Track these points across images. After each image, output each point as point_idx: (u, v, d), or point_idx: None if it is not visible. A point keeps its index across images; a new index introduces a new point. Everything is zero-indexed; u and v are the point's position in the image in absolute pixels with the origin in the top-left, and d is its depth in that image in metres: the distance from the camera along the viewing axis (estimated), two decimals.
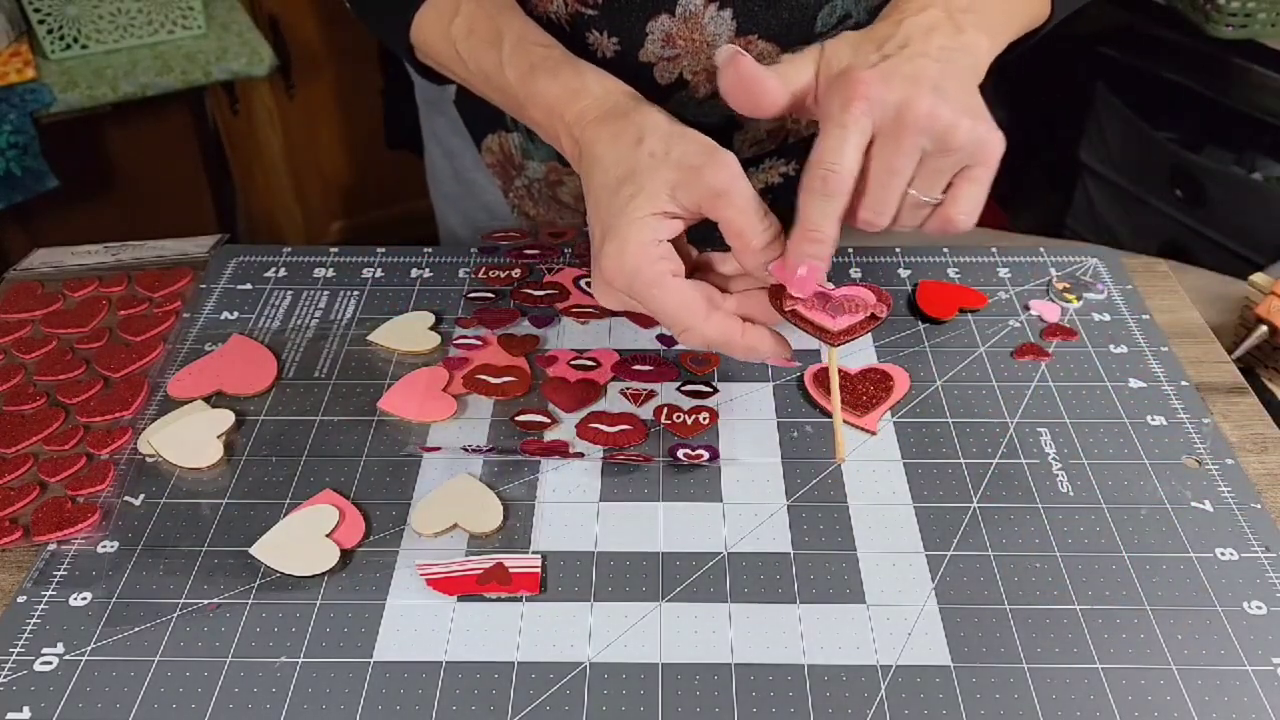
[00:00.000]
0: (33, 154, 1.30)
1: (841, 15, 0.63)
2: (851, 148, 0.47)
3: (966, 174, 0.48)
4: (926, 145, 0.47)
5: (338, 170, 1.96)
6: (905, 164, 0.47)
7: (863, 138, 0.47)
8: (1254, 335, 0.63)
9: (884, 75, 0.47)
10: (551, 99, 0.55)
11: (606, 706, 0.45)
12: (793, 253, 0.49)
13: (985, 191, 0.49)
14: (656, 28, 0.63)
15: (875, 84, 0.46)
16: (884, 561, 0.50)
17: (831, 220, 0.48)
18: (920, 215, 0.50)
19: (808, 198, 0.48)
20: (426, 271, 0.69)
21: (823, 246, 0.48)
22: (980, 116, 0.48)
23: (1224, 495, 0.53)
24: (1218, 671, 0.46)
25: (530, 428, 0.58)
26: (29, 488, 0.54)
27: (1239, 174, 1.44)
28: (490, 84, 0.59)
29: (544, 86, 0.56)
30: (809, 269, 0.49)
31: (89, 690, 0.45)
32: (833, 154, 0.47)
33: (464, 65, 0.60)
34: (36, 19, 1.33)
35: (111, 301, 0.68)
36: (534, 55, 0.57)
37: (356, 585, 0.50)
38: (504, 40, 0.58)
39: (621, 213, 0.50)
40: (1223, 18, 1.33)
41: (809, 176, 0.48)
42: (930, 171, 0.48)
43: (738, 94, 0.50)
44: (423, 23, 0.62)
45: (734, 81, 0.49)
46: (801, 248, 0.48)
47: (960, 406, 0.59)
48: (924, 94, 0.46)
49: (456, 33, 0.60)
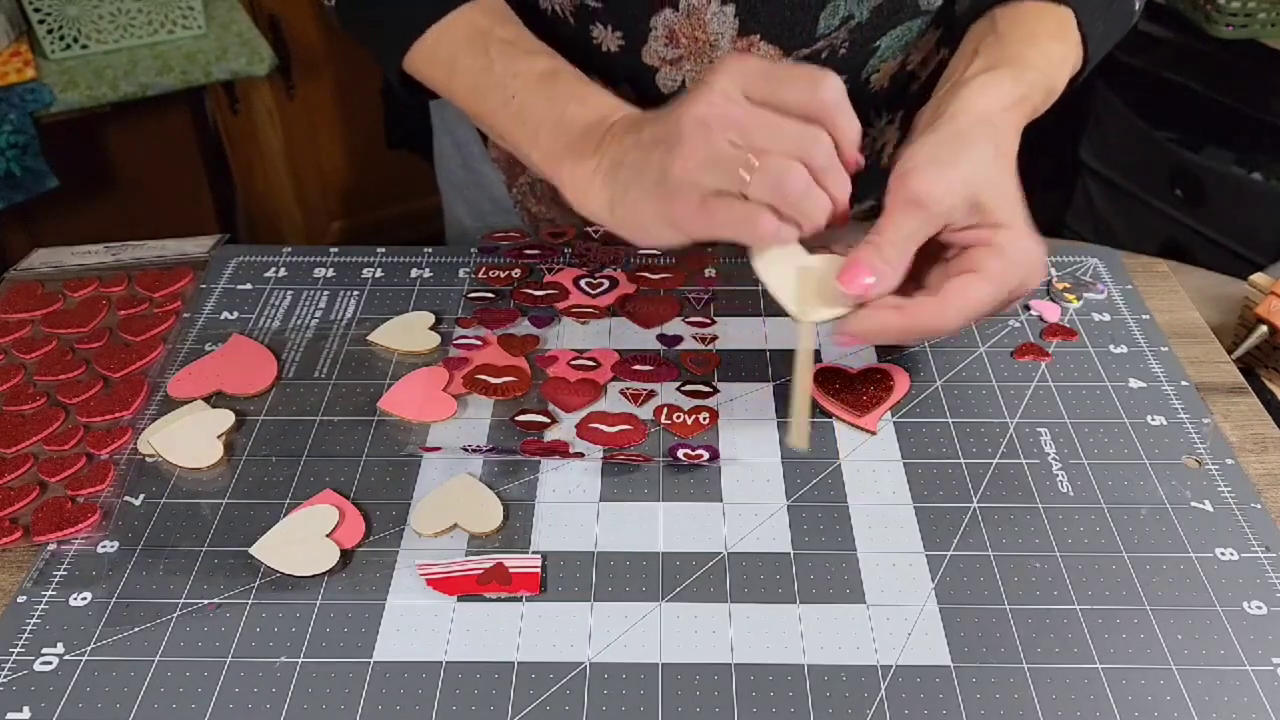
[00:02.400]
0: (33, 154, 1.31)
1: (844, 16, 0.63)
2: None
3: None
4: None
5: (338, 170, 1.96)
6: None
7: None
8: (1254, 335, 0.63)
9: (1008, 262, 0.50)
10: (607, 100, 0.56)
11: (606, 706, 0.45)
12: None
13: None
14: (660, 22, 0.63)
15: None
16: (884, 561, 0.50)
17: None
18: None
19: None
20: (426, 271, 0.69)
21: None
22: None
23: (1224, 495, 0.53)
24: (1218, 671, 0.46)
25: (530, 428, 0.58)
26: (29, 488, 0.54)
27: (1239, 174, 1.44)
28: (517, 83, 0.58)
29: (597, 91, 0.56)
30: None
31: (89, 690, 0.45)
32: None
33: (488, 65, 0.59)
34: (36, 19, 1.33)
35: (111, 301, 0.68)
36: (582, 75, 0.58)
37: (356, 585, 0.50)
38: (558, 57, 0.59)
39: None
40: (1223, 18, 1.33)
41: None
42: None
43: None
44: (447, 28, 0.60)
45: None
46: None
47: (960, 406, 0.59)
48: (1036, 275, 0.51)
49: (495, 38, 0.59)
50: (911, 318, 0.49)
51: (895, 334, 0.50)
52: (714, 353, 0.63)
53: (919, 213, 0.49)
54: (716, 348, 0.63)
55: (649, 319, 0.65)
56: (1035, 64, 0.55)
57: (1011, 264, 0.49)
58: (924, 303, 0.49)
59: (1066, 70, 0.58)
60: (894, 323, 0.49)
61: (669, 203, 0.50)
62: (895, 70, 0.70)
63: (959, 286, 0.49)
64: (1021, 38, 0.56)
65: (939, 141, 0.51)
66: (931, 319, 0.49)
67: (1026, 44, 0.56)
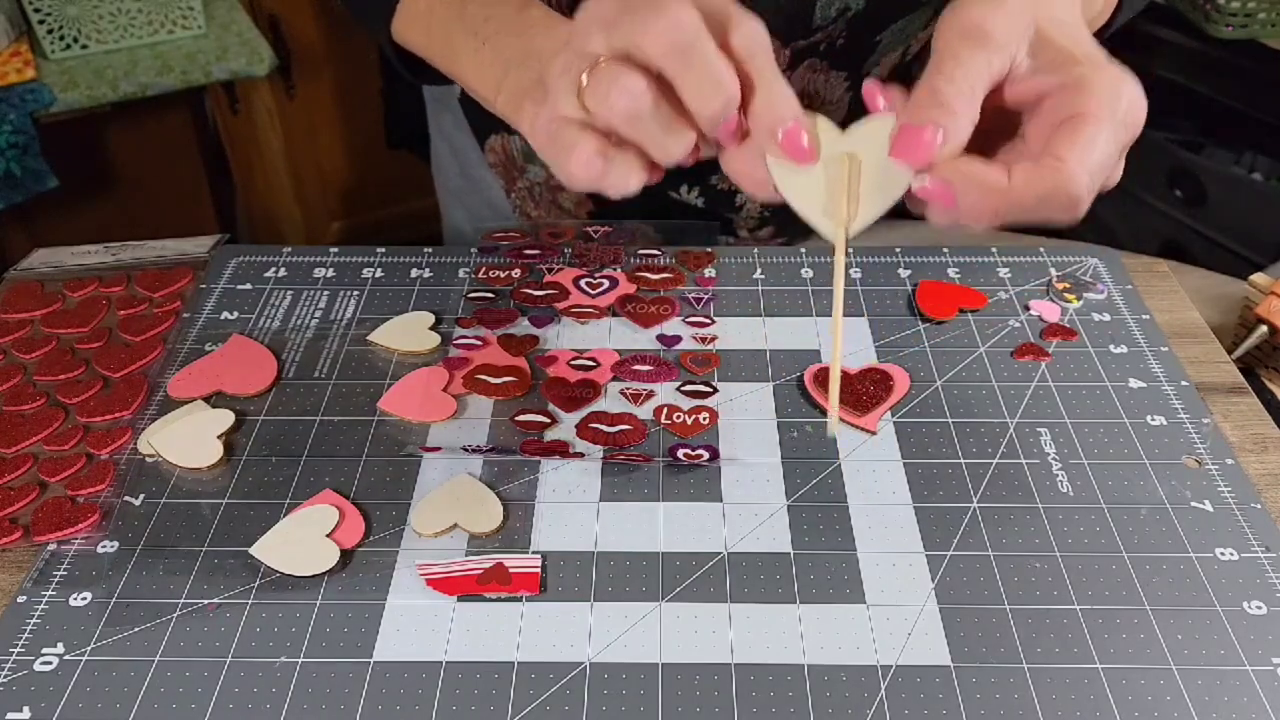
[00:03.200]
0: (33, 154, 1.30)
1: (841, 7, 0.63)
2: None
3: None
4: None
5: (338, 170, 1.96)
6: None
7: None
8: (1254, 335, 0.63)
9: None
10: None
11: (606, 706, 0.45)
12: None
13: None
14: None
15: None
16: (884, 561, 0.50)
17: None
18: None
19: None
20: (426, 271, 0.69)
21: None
22: None
23: (1224, 495, 0.53)
24: (1218, 671, 0.46)
25: (530, 428, 0.58)
26: (29, 488, 0.54)
27: (1239, 174, 1.44)
28: (489, 26, 0.52)
29: (567, 22, 0.48)
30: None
31: (89, 690, 0.45)
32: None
33: (460, 11, 0.54)
34: (36, 19, 1.33)
35: (111, 301, 0.68)
36: (555, 13, 0.51)
37: (356, 585, 0.50)
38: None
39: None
40: (1223, 18, 1.33)
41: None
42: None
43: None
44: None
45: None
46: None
47: (960, 406, 0.59)
48: (1141, 104, 0.41)
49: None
50: (1028, 179, 0.39)
51: (1003, 199, 0.39)
52: (714, 353, 0.63)
53: (980, 46, 0.39)
54: (716, 348, 0.63)
55: (649, 319, 0.65)
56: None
57: (1110, 95, 0.39)
58: (1034, 167, 0.39)
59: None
60: (1000, 183, 0.39)
61: (535, 126, 0.43)
62: (896, 62, 0.70)
63: (1067, 136, 0.39)
64: None
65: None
66: (1052, 179, 0.38)
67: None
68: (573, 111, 0.41)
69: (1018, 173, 0.39)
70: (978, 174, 0.39)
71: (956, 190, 0.39)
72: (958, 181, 0.39)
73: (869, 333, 0.64)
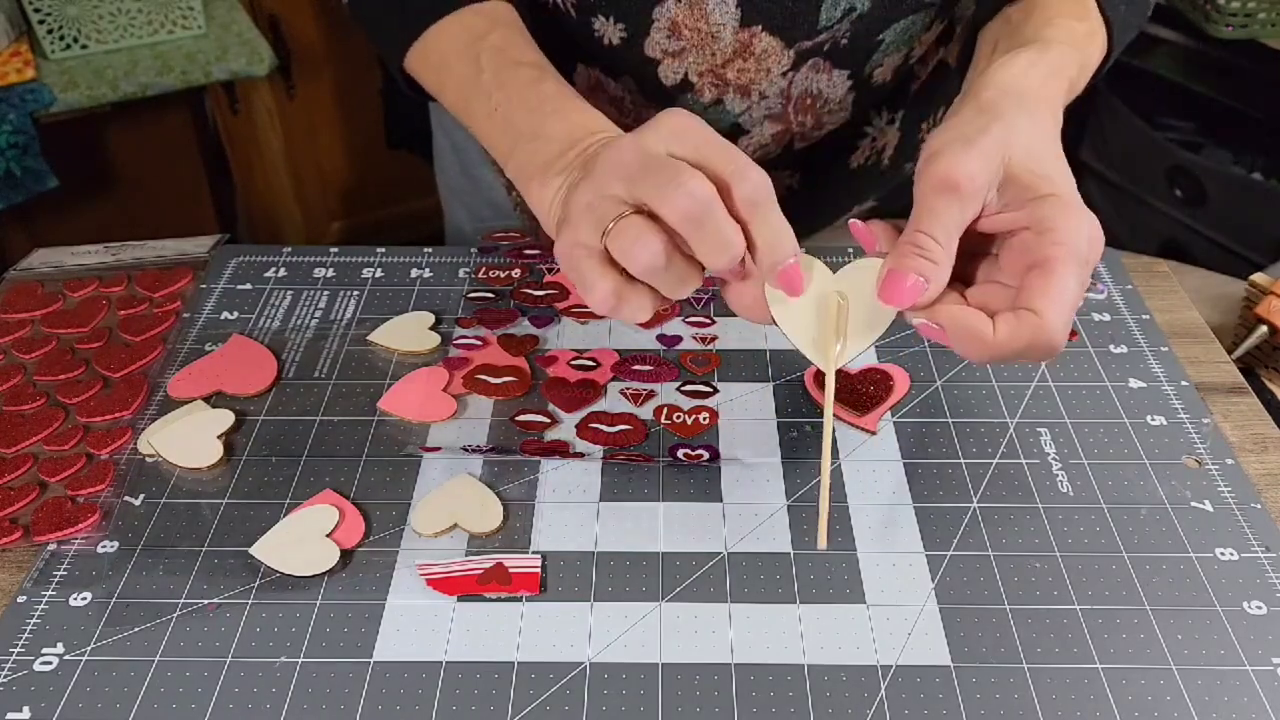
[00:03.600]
0: (33, 154, 1.30)
1: (846, 8, 0.63)
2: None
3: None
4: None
5: (338, 170, 1.96)
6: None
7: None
8: (1254, 335, 0.63)
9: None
10: (590, 118, 0.52)
11: (606, 706, 0.45)
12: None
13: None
14: (663, 14, 0.63)
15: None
16: (884, 561, 0.50)
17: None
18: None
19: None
20: (426, 271, 0.69)
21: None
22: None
23: (1224, 495, 0.53)
24: (1218, 671, 0.46)
25: (530, 428, 0.58)
26: (29, 488, 0.54)
27: (1239, 174, 1.44)
28: (501, 94, 0.55)
29: (590, 111, 0.53)
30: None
31: (89, 690, 0.45)
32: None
33: (476, 73, 0.57)
34: (36, 19, 1.33)
35: (111, 301, 0.68)
36: (569, 89, 0.55)
37: (356, 585, 0.50)
38: (549, 69, 0.56)
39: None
40: (1223, 18, 1.33)
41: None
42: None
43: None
44: (443, 32, 0.59)
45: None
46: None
47: (960, 406, 0.59)
48: (1100, 240, 0.46)
49: (488, 45, 0.57)
50: (1012, 332, 0.43)
51: (989, 347, 0.44)
52: (714, 353, 0.63)
53: (954, 196, 0.44)
54: (716, 348, 0.63)
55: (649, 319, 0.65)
56: (1059, 39, 0.52)
57: (1074, 237, 0.44)
58: (1015, 320, 0.43)
59: (1096, 46, 0.55)
60: (986, 334, 0.43)
61: (557, 243, 0.47)
62: (899, 64, 0.70)
63: (1039, 285, 0.43)
64: (1038, 22, 0.54)
65: (962, 120, 0.47)
66: (1032, 333, 0.43)
67: (1044, 26, 0.53)
68: (593, 243, 0.45)
69: (1001, 325, 0.43)
70: (967, 323, 0.44)
71: (948, 333, 0.45)
72: (949, 327, 0.44)
73: None
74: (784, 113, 0.69)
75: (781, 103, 0.68)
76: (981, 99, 0.48)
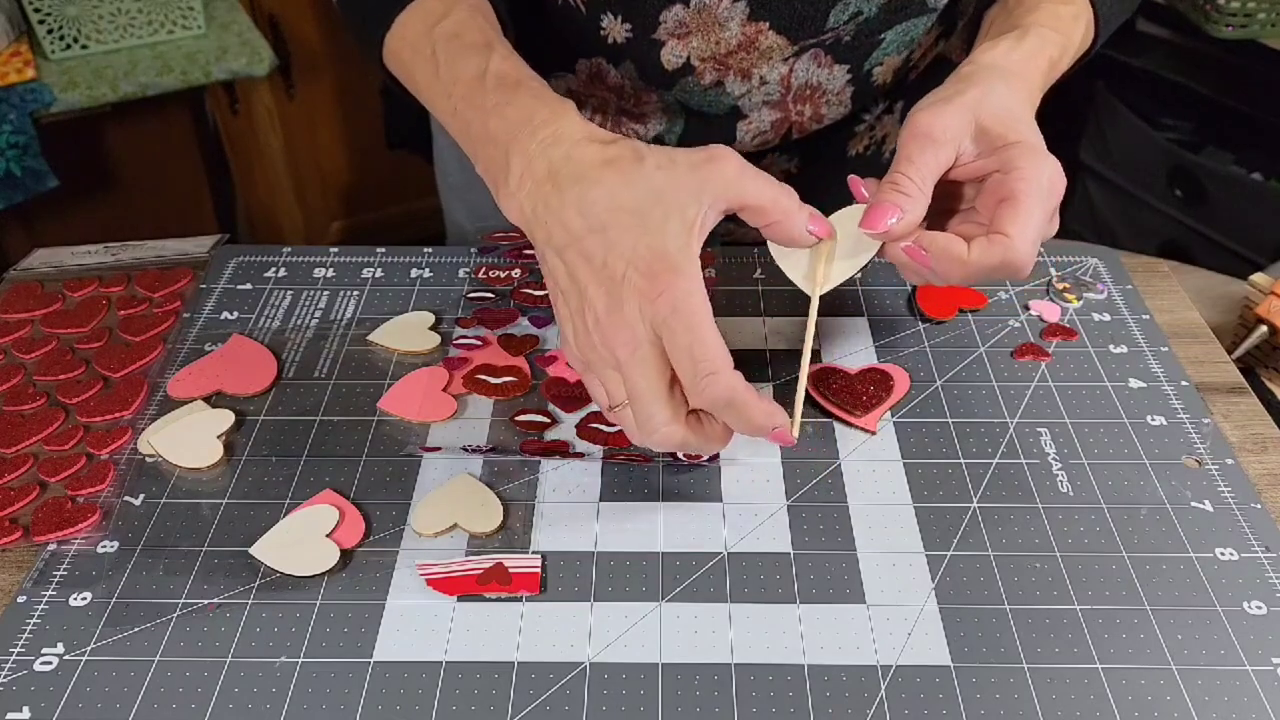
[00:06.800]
0: (33, 154, 1.31)
1: (854, 12, 0.63)
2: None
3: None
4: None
5: (338, 170, 1.96)
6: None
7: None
8: (1254, 335, 0.63)
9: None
10: (531, 110, 0.51)
11: (606, 706, 0.45)
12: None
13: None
14: (670, 17, 0.63)
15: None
16: (884, 561, 0.50)
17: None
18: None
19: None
20: (426, 271, 0.69)
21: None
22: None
23: (1224, 495, 0.53)
24: (1218, 671, 0.46)
25: (530, 428, 0.58)
26: (29, 488, 0.54)
27: (1239, 174, 1.44)
28: (456, 89, 0.54)
29: (526, 100, 0.52)
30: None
31: (89, 690, 0.45)
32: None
33: (434, 68, 0.56)
34: (36, 19, 1.33)
35: (111, 301, 0.68)
36: (523, 73, 0.54)
37: (356, 585, 0.50)
38: (494, 50, 0.55)
39: (661, 237, 0.47)
40: (1223, 18, 1.33)
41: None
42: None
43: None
44: (405, 22, 0.58)
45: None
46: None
47: (960, 406, 0.59)
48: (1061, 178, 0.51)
49: (440, 34, 0.56)
50: (983, 251, 0.49)
51: (965, 266, 0.49)
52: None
53: (928, 142, 0.50)
54: None
55: None
56: (1042, 23, 0.57)
57: (1035, 174, 0.49)
58: (987, 241, 0.49)
59: (1079, 28, 0.59)
60: (961, 253, 0.49)
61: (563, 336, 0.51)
62: (898, 66, 0.70)
63: (1008, 213, 0.49)
64: (1027, 8, 0.58)
65: (942, 88, 0.53)
66: (1002, 252, 0.48)
67: (1030, 10, 0.58)
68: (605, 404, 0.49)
69: (975, 247, 0.49)
70: (946, 245, 0.50)
71: (930, 255, 0.50)
72: (930, 248, 0.50)
73: (869, 333, 0.64)
74: (783, 101, 0.69)
75: (781, 91, 0.68)
76: (961, 73, 0.54)
